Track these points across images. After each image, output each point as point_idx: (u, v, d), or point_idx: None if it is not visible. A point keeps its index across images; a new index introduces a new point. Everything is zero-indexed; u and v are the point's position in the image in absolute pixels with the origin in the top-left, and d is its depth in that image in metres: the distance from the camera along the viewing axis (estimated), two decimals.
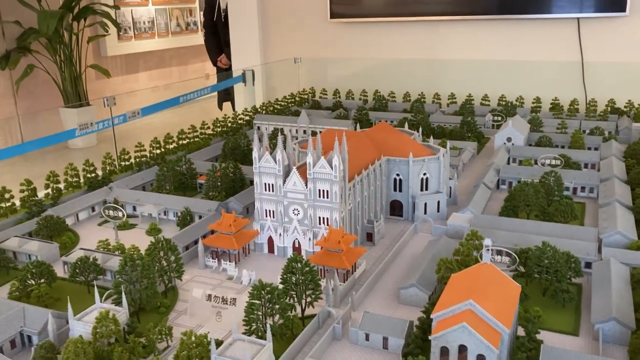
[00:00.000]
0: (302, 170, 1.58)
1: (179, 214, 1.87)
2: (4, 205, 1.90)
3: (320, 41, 4.42)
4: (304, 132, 2.91)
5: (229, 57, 5.13)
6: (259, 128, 3.10)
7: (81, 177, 2.20)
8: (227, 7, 4.72)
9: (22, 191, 1.94)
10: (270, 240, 1.65)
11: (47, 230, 1.75)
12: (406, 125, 2.27)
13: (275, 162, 1.58)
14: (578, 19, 4.33)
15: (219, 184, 2.10)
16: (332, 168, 1.51)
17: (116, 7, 7.66)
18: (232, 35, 4.68)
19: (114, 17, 7.25)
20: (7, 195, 1.89)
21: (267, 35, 4.57)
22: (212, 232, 1.67)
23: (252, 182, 2.22)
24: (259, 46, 4.56)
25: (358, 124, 2.41)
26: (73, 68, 6.86)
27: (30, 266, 1.39)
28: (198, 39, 9.96)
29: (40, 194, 2.06)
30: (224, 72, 5.19)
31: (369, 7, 4.25)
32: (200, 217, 1.88)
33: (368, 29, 4.33)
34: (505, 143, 2.67)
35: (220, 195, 2.06)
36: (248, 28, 4.55)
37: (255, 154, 1.61)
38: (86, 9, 6.82)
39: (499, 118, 3.16)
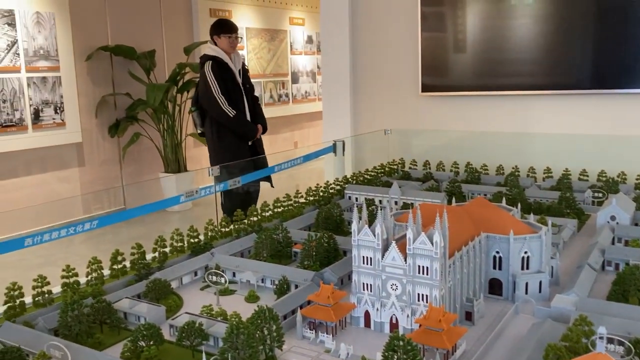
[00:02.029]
0: (401, 244, 1.59)
1: (277, 282, 1.92)
2: (116, 267, 2.03)
3: (411, 113, 4.49)
4: (395, 203, 2.92)
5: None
6: (349, 198, 3.15)
7: (185, 242, 2.32)
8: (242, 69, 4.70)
9: (132, 254, 2.07)
10: (367, 315, 1.65)
11: (154, 293, 1.84)
12: (503, 200, 2.24)
13: (374, 236, 1.60)
14: None
15: (314, 253, 2.14)
16: (432, 244, 1.51)
17: None
18: (324, 107, 4.86)
19: None
20: (119, 258, 2.02)
21: (357, 107, 4.71)
22: (309, 302, 1.70)
23: (345, 253, 2.26)
24: (349, 118, 4.70)
25: (453, 198, 2.40)
26: (174, 136, 7.31)
27: (142, 328, 1.47)
28: (289, 109, 10.42)
29: (141, 256, 2.19)
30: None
31: (460, 82, 4.30)
32: (296, 286, 1.92)
33: (459, 101, 4.36)
34: (608, 222, 2.55)
35: (315, 265, 2.10)
36: (339, 100, 4.72)
37: (354, 227, 1.64)
38: (189, 82, 7.33)
39: (600, 195, 3.03)
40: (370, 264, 1.61)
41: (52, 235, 2.24)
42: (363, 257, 1.63)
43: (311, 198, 3.11)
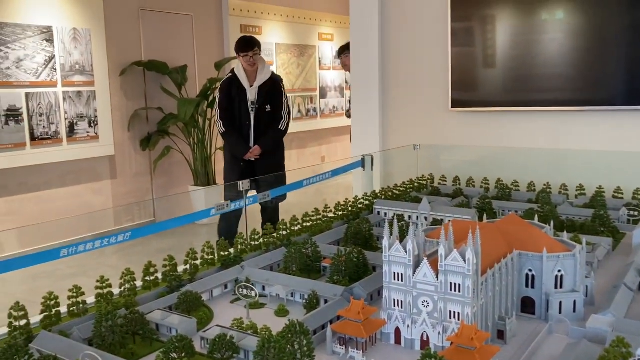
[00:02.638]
0: (433, 261, 1.58)
1: (306, 297, 1.92)
2: (148, 279, 2.06)
3: (440, 129, 4.47)
4: (425, 219, 2.91)
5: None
6: (379, 213, 3.15)
7: (215, 255, 2.34)
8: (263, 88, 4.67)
9: (164, 266, 2.10)
10: (398, 331, 1.64)
11: (185, 305, 1.86)
12: (536, 218, 2.21)
13: (406, 252, 1.60)
14: None
15: (343, 268, 2.14)
16: (465, 261, 1.50)
17: None
18: (353, 122, 4.87)
19: None
20: (152, 270, 2.05)
21: (386, 122, 4.71)
22: (339, 317, 1.70)
23: (375, 269, 2.25)
24: (378, 133, 4.71)
25: (485, 215, 2.38)
26: (204, 150, 7.41)
27: (174, 340, 1.48)
28: (317, 124, 10.47)
29: (173, 268, 2.21)
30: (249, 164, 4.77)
31: (490, 97, 4.27)
32: (325, 301, 1.91)
33: (489, 117, 4.33)
34: None
35: (345, 280, 2.09)
36: (368, 114, 4.73)
37: (385, 243, 1.64)
38: None
39: (636, 213, 2.97)
40: (401, 280, 1.60)
41: (87, 247, 2.28)
42: (394, 273, 1.62)
43: (340, 213, 3.11)
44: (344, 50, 5.59)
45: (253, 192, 3.97)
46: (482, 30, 4.29)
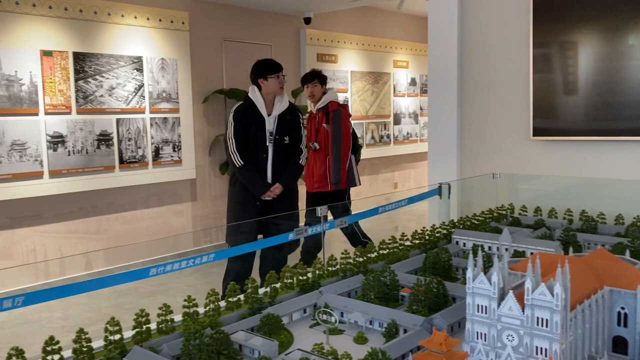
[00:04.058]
0: (519, 294, 1.54)
1: (385, 325, 1.92)
2: (231, 300, 2.13)
3: (521, 157, 4.36)
4: (506, 249, 2.84)
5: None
6: (457, 243, 3.10)
7: (294, 279, 2.38)
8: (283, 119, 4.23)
9: (247, 288, 2.16)
10: None
11: (267, 327, 1.91)
12: (627, 252, 2.11)
13: (490, 284, 1.57)
14: None
15: (422, 298, 2.13)
16: (553, 296, 1.46)
17: None
18: (430, 149, 4.84)
19: None
20: (235, 291, 2.12)
21: (464, 150, 4.65)
22: (419, 347, 1.69)
23: (455, 300, 2.21)
24: (455, 160, 4.65)
25: (570, 248, 2.29)
26: None
27: None
28: (390, 150, 10.45)
29: (254, 290, 2.28)
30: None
31: (574, 125, 4.13)
32: (405, 330, 1.91)
33: (572, 146, 4.19)
34: None
35: (424, 310, 2.08)
36: (446, 142, 4.68)
37: (469, 274, 1.62)
38: None
39: None
40: (485, 313, 1.58)
41: (174, 267, 2.39)
42: (477, 305, 1.60)
43: (417, 241, 3.09)
44: (305, 81, 5.65)
45: (259, 235, 3.78)
46: (564, 56, 4.18)
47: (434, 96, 4.75)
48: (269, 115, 4.22)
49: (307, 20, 8.50)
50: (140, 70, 6.69)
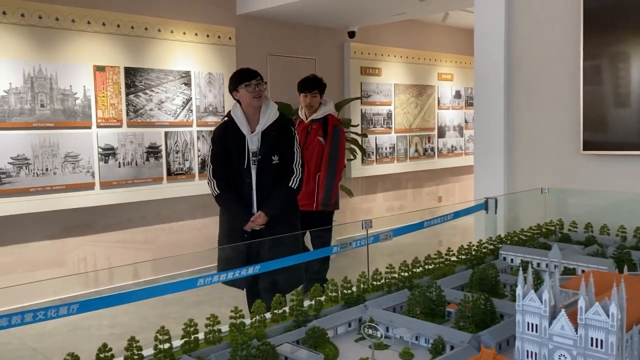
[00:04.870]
0: (571, 313, 1.50)
1: (431, 341, 1.90)
2: (277, 312, 2.14)
3: (570, 172, 4.25)
4: (555, 267, 2.76)
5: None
6: (504, 259, 3.04)
7: (339, 292, 2.39)
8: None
9: (291, 300, 2.18)
10: None
11: (313, 341, 1.91)
12: None
13: (541, 302, 1.54)
14: None
15: (469, 314, 2.09)
16: (608, 316, 1.41)
17: (364, 135, 8.41)
18: (476, 163, 4.78)
19: (360, 144, 7.96)
20: (279, 304, 2.14)
21: (511, 164, 4.56)
22: None
23: (502, 317, 2.17)
24: (502, 174, 4.57)
25: (625, 267, 2.22)
26: None
27: None
28: (434, 163, 10.36)
29: (299, 303, 2.29)
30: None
31: (627, 139, 4.00)
32: (451, 347, 1.88)
33: (624, 161, 4.05)
34: None
35: (471, 326, 2.04)
36: (492, 156, 4.61)
37: (519, 291, 1.59)
38: None
39: None
40: (536, 331, 1.54)
41: (221, 277, 2.43)
42: (528, 323, 1.56)
43: (463, 257, 3.05)
44: (304, 89, 5.24)
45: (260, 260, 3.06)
46: (616, 67, 4.06)
47: (480, 109, 4.69)
48: (252, 132, 3.60)
49: (352, 34, 8.55)
50: (188, 84, 6.86)
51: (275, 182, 3.65)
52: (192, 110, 6.90)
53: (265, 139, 3.62)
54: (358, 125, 8.67)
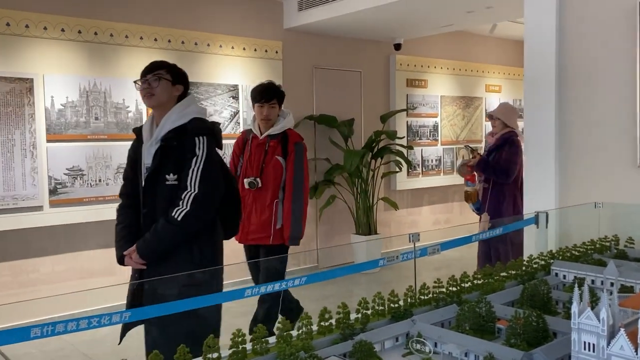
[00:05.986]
0: (631, 333, 1.44)
1: (481, 358, 1.85)
2: (323, 324, 2.14)
3: (625, 187, 4.10)
4: (611, 284, 2.66)
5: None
6: (556, 275, 2.95)
7: (385, 306, 2.36)
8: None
9: (338, 313, 2.17)
10: None
11: (360, 354, 1.90)
12: None
13: (599, 320, 1.48)
14: None
15: (520, 331, 2.04)
16: None
17: (409, 147, 8.36)
18: (526, 176, 4.67)
19: (405, 156, 7.92)
20: (327, 316, 2.14)
21: (563, 178, 4.44)
22: None
23: (555, 335, 2.10)
24: (554, 188, 4.45)
25: None
26: (367, 200, 7.55)
27: None
28: None
29: (346, 316, 2.28)
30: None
31: None
32: None
33: None
34: None
35: (522, 344, 1.99)
36: (543, 169, 4.50)
37: (574, 309, 1.53)
38: (384, 148, 7.58)
39: None
40: (593, 351, 1.49)
41: (268, 288, 2.45)
42: (584, 342, 1.51)
43: (513, 272, 2.97)
44: (260, 99, 4.31)
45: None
46: None
47: (530, 121, 4.59)
48: (151, 139, 2.83)
49: (397, 47, 8.54)
50: (235, 97, 6.99)
51: (168, 206, 2.72)
52: (239, 123, 7.01)
53: (161, 151, 2.74)
54: (404, 137, 8.62)
